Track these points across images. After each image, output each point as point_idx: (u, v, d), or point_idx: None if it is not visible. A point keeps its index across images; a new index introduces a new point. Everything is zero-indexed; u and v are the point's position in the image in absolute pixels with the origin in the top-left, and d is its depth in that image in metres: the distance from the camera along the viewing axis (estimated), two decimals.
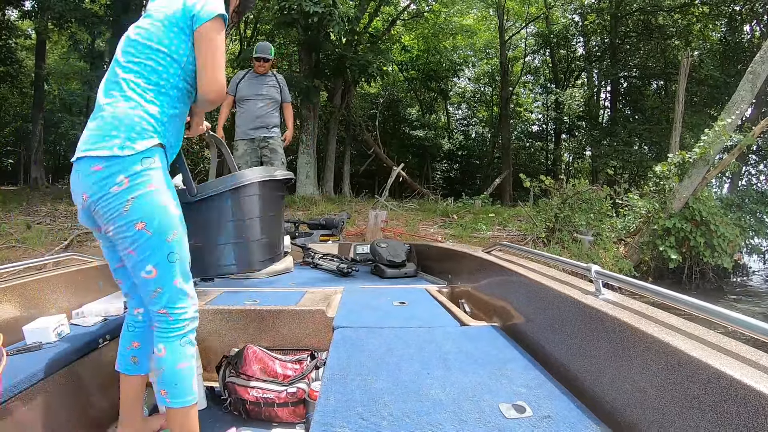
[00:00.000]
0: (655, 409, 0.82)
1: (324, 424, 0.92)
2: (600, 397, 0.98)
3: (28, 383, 1.23)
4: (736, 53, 12.02)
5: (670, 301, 0.97)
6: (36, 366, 1.29)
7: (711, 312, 0.86)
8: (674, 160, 6.59)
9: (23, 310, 1.58)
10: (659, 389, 0.82)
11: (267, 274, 2.85)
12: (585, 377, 1.05)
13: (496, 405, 0.99)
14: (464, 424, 0.92)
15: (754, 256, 8.96)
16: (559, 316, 1.21)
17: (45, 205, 7.27)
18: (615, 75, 15.03)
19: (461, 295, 2.17)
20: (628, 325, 0.93)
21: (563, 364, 1.15)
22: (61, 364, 1.38)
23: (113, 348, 1.67)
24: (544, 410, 0.97)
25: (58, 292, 1.75)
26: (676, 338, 0.83)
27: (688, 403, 0.75)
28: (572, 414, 0.96)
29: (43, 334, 1.47)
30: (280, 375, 1.79)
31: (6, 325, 1.49)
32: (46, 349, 1.43)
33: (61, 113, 14.00)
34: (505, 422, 0.93)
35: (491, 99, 20.56)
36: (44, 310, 1.65)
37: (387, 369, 1.19)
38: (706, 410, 0.72)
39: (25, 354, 1.39)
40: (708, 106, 12.45)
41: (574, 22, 16.91)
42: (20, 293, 1.58)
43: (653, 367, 0.84)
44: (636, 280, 1.10)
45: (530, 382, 1.11)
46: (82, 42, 9.45)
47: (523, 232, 6.87)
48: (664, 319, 0.94)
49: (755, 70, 6.40)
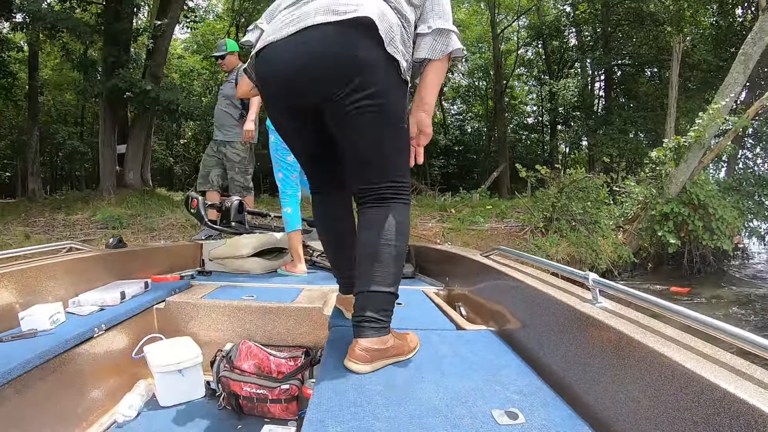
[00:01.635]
0: (647, 420, 0.82)
1: (316, 422, 0.92)
2: (593, 406, 0.98)
3: (21, 370, 1.23)
4: (728, 37, 12.02)
5: (667, 311, 0.97)
6: (30, 353, 1.29)
7: (707, 324, 0.86)
8: (669, 144, 6.60)
9: (19, 296, 1.58)
10: (652, 400, 0.82)
11: (264, 270, 2.86)
12: (579, 385, 1.05)
13: (489, 411, 0.99)
14: (456, 429, 0.91)
15: (753, 239, 8.97)
16: (555, 322, 1.21)
17: (43, 215, 7.27)
18: (608, 64, 15.04)
19: (458, 298, 2.16)
20: (623, 334, 0.93)
21: (558, 372, 1.14)
22: (55, 352, 1.38)
23: (108, 337, 1.68)
24: (537, 418, 0.97)
25: (55, 280, 1.75)
26: (671, 349, 0.83)
27: (680, 414, 0.75)
28: (565, 422, 0.96)
29: (39, 322, 1.47)
30: (274, 371, 1.80)
31: (1, 311, 1.50)
32: (41, 336, 1.43)
33: (56, 124, 14.02)
34: (497, 429, 0.92)
35: (486, 93, 20.56)
36: (40, 298, 1.65)
37: (381, 370, 1.18)
38: (699, 422, 0.71)
39: (20, 341, 1.39)
40: (702, 90, 12.43)
41: (566, 13, 16.91)
42: (17, 280, 1.58)
43: (647, 377, 0.84)
44: (632, 290, 1.09)
45: (524, 389, 1.11)
46: (74, 52, 9.43)
47: (521, 223, 6.87)
48: (660, 329, 0.94)
49: (747, 51, 6.41)
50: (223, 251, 2.84)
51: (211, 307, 1.97)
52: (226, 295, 2.13)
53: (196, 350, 1.84)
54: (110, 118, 9.52)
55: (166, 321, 1.98)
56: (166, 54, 10.84)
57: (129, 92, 8.13)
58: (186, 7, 10.60)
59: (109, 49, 8.73)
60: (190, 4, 11.13)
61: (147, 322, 1.94)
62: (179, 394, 1.78)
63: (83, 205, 8.10)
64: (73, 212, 7.42)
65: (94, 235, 5.72)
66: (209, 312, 1.97)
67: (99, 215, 6.67)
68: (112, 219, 6.19)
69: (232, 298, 2.06)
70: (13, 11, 7.91)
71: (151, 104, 8.50)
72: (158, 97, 8.25)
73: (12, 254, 1.82)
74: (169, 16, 9.74)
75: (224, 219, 3.24)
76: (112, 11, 8.88)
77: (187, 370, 1.77)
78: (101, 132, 9.77)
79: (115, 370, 1.70)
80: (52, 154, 15.94)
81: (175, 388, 1.77)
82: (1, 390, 1.17)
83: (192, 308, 1.98)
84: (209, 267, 2.89)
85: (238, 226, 3.22)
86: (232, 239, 2.92)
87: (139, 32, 9.94)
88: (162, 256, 2.65)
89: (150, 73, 9.65)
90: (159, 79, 9.78)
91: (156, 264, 2.51)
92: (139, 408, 1.68)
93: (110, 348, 1.69)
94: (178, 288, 2.19)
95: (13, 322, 1.49)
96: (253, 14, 12.16)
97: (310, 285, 2.45)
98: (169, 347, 1.81)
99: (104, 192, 9.03)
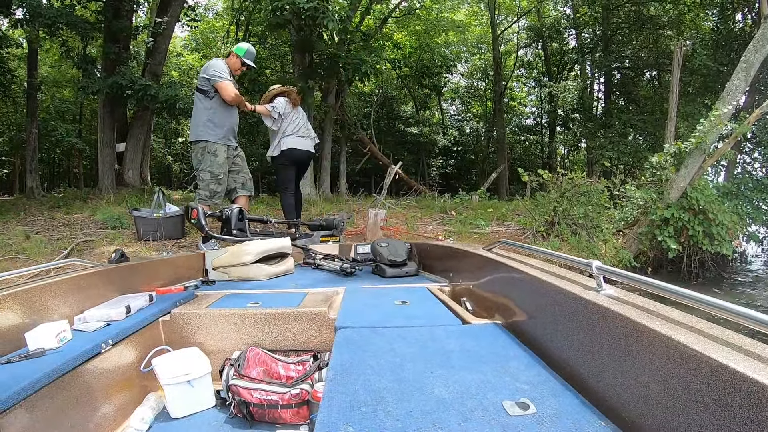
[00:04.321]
0: (658, 404, 0.82)
1: (328, 424, 0.92)
2: (603, 393, 0.98)
3: (31, 390, 1.22)
4: (728, 42, 12.04)
5: (671, 294, 0.97)
6: (38, 372, 1.28)
7: (712, 304, 0.86)
8: (670, 150, 6.61)
9: (25, 316, 1.57)
10: (662, 384, 0.82)
11: (268, 276, 2.85)
12: (588, 373, 1.05)
13: (500, 402, 0.99)
14: (468, 422, 0.91)
15: (751, 243, 9.00)
16: (560, 312, 1.21)
17: (42, 214, 7.23)
18: (608, 66, 15.05)
19: (463, 293, 2.17)
20: (629, 319, 0.93)
21: (566, 361, 1.15)
22: (63, 370, 1.37)
23: (116, 353, 1.66)
24: (548, 407, 0.97)
25: (60, 298, 1.74)
26: (677, 332, 0.83)
27: (691, 396, 0.75)
28: (576, 410, 0.96)
29: (46, 341, 1.46)
30: (283, 377, 1.79)
31: (8, 332, 1.48)
32: (49, 355, 1.42)
33: (54, 121, 13.94)
34: (509, 420, 0.92)
35: (485, 94, 20.59)
36: (46, 316, 1.64)
37: (390, 368, 1.19)
38: (710, 403, 0.72)
39: (28, 360, 1.38)
40: (702, 95, 12.47)
41: (566, 15, 16.93)
42: (22, 300, 1.57)
43: (655, 361, 0.84)
44: (637, 275, 1.10)
45: (533, 379, 1.11)
46: (73, 49, 9.37)
47: (522, 227, 6.88)
48: (665, 313, 0.94)
49: (749, 59, 6.42)
50: (225, 259, 2.83)
51: (216, 316, 1.96)
52: (231, 303, 2.12)
53: (204, 360, 1.83)
54: (109, 116, 9.48)
55: (173, 332, 1.98)
56: (166, 52, 10.80)
57: (129, 90, 8.10)
58: (186, 5, 10.56)
59: (108, 46, 8.68)
60: (190, 2, 11.09)
61: (154, 335, 1.93)
62: (190, 405, 1.77)
63: (82, 203, 8.06)
64: (72, 211, 7.38)
65: (95, 235, 5.68)
66: (215, 321, 1.96)
67: (99, 214, 6.63)
68: (112, 219, 6.16)
69: (237, 306, 2.05)
70: (12, 7, 7.85)
71: (150, 101, 8.47)
72: (158, 95, 8.22)
73: (13, 275, 1.81)
74: (169, 14, 9.70)
75: (225, 227, 3.22)
76: (112, 8, 8.84)
77: (197, 381, 1.77)
78: (100, 130, 9.72)
79: (124, 384, 1.69)
80: (50, 151, 15.88)
81: (185, 399, 1.76)
82: (11, 411, 1.16)
83: (198, 318, 1.97)
84: (213, 276, 2.87)
85: (239, 233, 3.21)
86: (234, 247, 2.90)
87: (138, 30, 9.90)
88: (165, 268, 2.64)
89: (150, 71, 9.61)
90: (159, 77, 9.75)
91: (159, 276, 2.50)
92: (151, 421, 1.67)
93: (118, 363, 1.68)
94: (182, 299, 2.18)
95: (21, 343, 1.48)
96: (253, 13, 12.10)
97: (314, 289, 2.45)
98: (177, 359, 1.80)
99: (103, 190, 8.99)
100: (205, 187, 3.97)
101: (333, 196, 10.94)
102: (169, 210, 5.33)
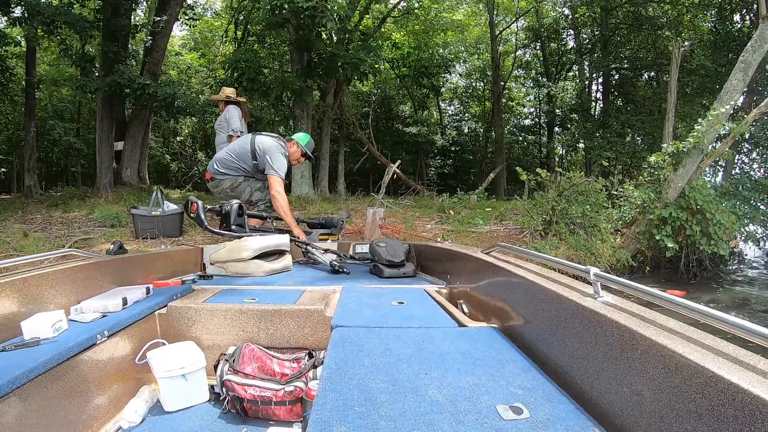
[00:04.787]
0: (652, 413, 0.82)
1: (321, 422, 0.92)
2: (597, 400, 0.98)
3: (25, 379, 1.23)
4: (726, 42, 12.05)
5: (669, 304, 0.97)
6: (33, 362, 1.28)
7: (710, 315, 0.86)
8: (668, 150, 6.62)
9: (21, 305, 1.57)
10: (656, 392, 0.82)
11: (266, 273, 2.85)
12: (582, 379, 1.05)
13: (494, 406, 1.00)
14: (461, 425, 0.92)
15: (749, 243, 9.01)
16: (557, 317, 1.21)
17: (40, 212, 7.22)
18: (606, 67, 15.06)
19: (460, 295, 2.17)
20: (626, 327, 0.93)
21: (561, 366, 1.15)
22: (58, 360, 1.37)
23: (111, 344, 1.67)
24: (541, 412, 0.97)
25: (57, 288, 1.74)
26: (673, 341, 0.83)
27: (685, 407, 0.75)
28: (569, 416, 0.96)
29: (41, 330, 1.46)
30: (277, 373, 1.80)
31: (3, 321, 1.49)
32: (44, 344, 1.42)
33: (53, 120, 13.93)
34: (502, 423, 0.93)
35: (483, 94, 20.59)
36: (42, 306, 1.64)
37: (385, 369, 1.19)
38: (703, 414, 0.72)
39: (23, 349, 1.38)
40: (700, 95, 12.48)
41: (564, 16, 16.93)
42: (18, 289, 1.57)
43: (650, 370, 0.84)
44: (634, 283, 1.10)
45: (527, 384, 1.11)
46: (72, 48, 9.35)
47: (520, 226, 6.88)
48: (662, 322, 0.94)
49: (747, 59, 6.43)
50: (223, 255, 2.83)
51: (213, 311, 1.96)
52: (227, 298, 2.12)
53: (199, 354, 1.84)
54: (108, 115, 9.46)
55: (169, 326, 1.97)
56: (165, 51, 10.79)
57: (127, 88, 8.09)
58: (185, 4, 10.55)
59: (107, 45, 8.67)
60: (189, 1, 11.08)
61: (150, 328, 1.93)
62: (183, 399, 1.78)
63: (80, 202, 8.05)
64: (70, 209, 7.37)
65: (93, 233, 5.68)
66: (211, 316, 1.96)
67: (97, 213, 6.62)
68: (110, 217, 6.15)
69: (233, 301, 2.05)
70: (11, 5, 7.83)
71: (149, 100, 8.45)
72: (156, 93, 8.20)
73: (11, 263, 1.81)
74: (168, 13, 9.69)
75: (224, 223, 3.22)
76: (110, 7, 8.82)
77: (191, 375, 1.77)
78: (98, 129, 9.70)
79: (118, 376, 1.69)
80: (48, 150, 15.85)
81: (179, 392, 1.76)
82: (5, 399, 1.16)
83: (194, 313, 1.97)
84: (210, 271, 2.87)
85: (238, 229, 3.21)
86: (232, 242, 2.90)
87: (137, 29, 9.88)
88: (163, 262, 2.64)
89: (148, 70, 9.60)
90: (157, 76, 9.73)
91: (157, 269, 2.50)
92: (144, 414, 1.67)
93: (113, 354, 1.68)
94: (179, 293, 2.18)
95: (16, 331, 1.49)
96: (252, 12, 12.09)
97: (312, 287, 2.45)
98: (173, 352, 1.80)
99: (101, 189, 8.98)
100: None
101: (331, 195, 10.93)
102: (167, 208, 5.34)
